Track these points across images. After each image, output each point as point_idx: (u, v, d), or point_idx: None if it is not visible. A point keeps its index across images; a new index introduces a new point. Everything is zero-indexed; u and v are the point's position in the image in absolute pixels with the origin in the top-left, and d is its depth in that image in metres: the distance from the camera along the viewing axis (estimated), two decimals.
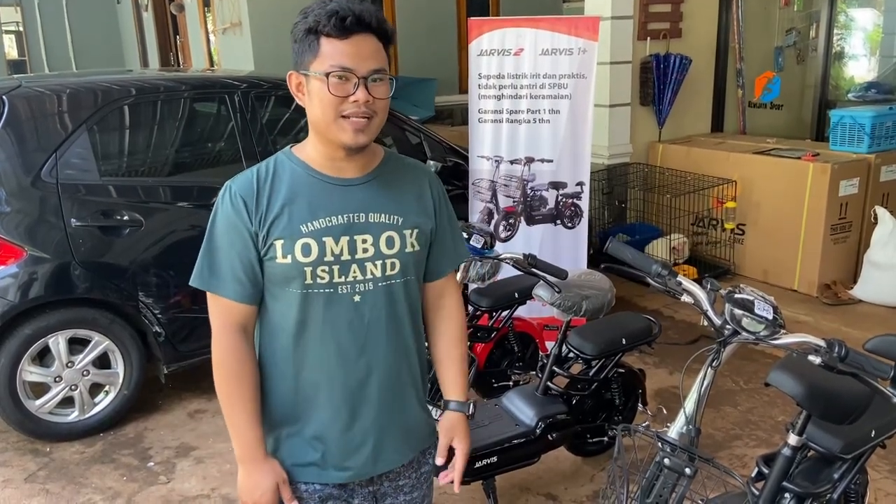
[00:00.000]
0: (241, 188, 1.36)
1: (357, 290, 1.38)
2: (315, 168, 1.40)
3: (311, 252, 1.34)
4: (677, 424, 1.65)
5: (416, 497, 1.56)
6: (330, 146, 1.38)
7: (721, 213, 5.15)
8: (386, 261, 1.40)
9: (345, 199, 1.39)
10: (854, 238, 4.90)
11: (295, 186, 1.37)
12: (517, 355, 3.43)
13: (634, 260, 1.62)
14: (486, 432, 2.67)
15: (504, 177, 3.96)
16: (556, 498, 2.82)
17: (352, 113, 1.32)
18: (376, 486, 1.49)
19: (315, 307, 1.37)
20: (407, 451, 1.51)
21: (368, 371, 1.42)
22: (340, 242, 1.36)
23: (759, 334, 1.53)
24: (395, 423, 1.47)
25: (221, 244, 1.36)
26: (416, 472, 1.55)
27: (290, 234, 1.35)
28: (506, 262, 2.39)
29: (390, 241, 1.41)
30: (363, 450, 1.44)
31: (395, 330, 1.44)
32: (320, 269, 1.35)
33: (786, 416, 3.38)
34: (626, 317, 3.00)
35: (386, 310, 1.41)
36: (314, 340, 1.39)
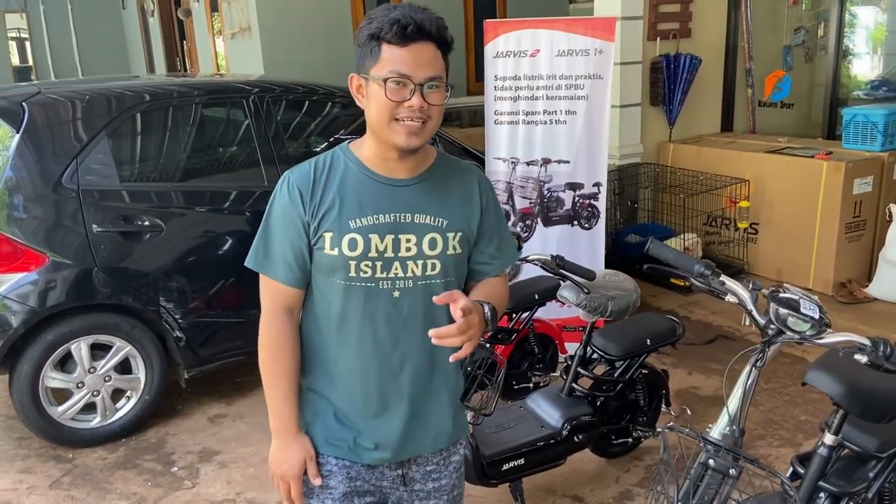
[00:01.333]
0: (299, 179, 1.43)
1: (397, 286, 1.44)
2: (368, 166, 1.45)
3: (357, 247, 1.41)
4: (720, 425, 1.64)
5: (444, 485, 1.60)
6: (384, 147, 1.43)
7: (734, 212, 5.14)
8: (427, 261, 1.45)
9: (394, 198, 1.44)
10: (868, 236, 4.90)
11: (347, 182, 1.43)
12: (537, 357, 3.43)
13: (676, 260, 1.61)
14: (512, 434, 2.66)
15: (520, 178, 3.96)
16: (582, 500, 2.82)
17: (405, 116, 1.37)
18: (405, 469, 1.55)
19: (356, 299, 1.44)
20: (436, 441, 1.56)
21: (402, 363, 1.47)
22: (385, 240, 1.42)
23: (804, 334, 1.52)
24: (425, 414, 1.52)
25: (276, 230, 1.44)
26: (444, 461, 1.59)
27: (339, 228, 1.41)
28: (534, 263, 2.39)
29: (433, 242, 1.45)
30: (392, 436, 1.50)
31: (432, 327, 1.46)
32: (363, 264, 1.41)
33: (808, 416, 3.37)
34: (649, 317, 3.00)
35: (423, 308, 1.46)
36: (353, 330, 1.45)
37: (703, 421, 3.41)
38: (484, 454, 2.52)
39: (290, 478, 1.48)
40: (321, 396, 1.51)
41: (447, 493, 1.61)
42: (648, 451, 3.11)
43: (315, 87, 3.91)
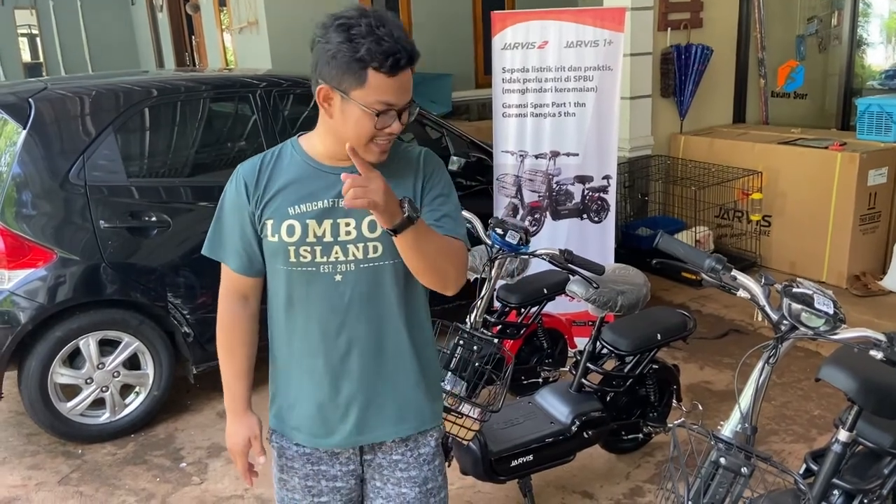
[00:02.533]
0: (246, 172, 1.49)
1: (338, 269, 1.46)
2: (315, 158, 1.48)
3: (294, 232, 1.44)
4: (732, 422, 1.61)
5: (414, 476, 1.57)
6: (337, 151, 1.44)
7: (746, 204, 5.08)
8: (368, 243, 1.46)
9: (334, 184, 1.43)
10: (883, 228, 4.83)
11: (292, 174, 1.47)
12: (546, 352, 3.40)
13: (686, 255, 1.58)
14: (521, 430, 2.64)
15: (529, 172, 3.92)
16: (592, 496, 2.79)
17: (383, 139, 1.41)
18: (368, 455, 1.57)
19: (299, 284, 1.47)
20: (398, 427, 1.55)
21: (349, 347, 1.49)
22: (323, 225, 1.45)
23: (818, 329, 1.48)
24: (382, 397, 1.52)
25: (226, 220, 1.51)
26: (412, 452, 1.57)
27: (279, 216, 1.45)
28: (542, 257, 2.36)
29: (372, 224, 1.45)
30: (347, 420, 1.51)
31: (380, 309, 1.49)
32: (303, 249, 1.45)
33: (822, 411, 3.33)
34: (660, 312, 2.97)
35: (368, 290, 1.48)
36: (300, 315, 1.49)
37: (715, 416, 3.37)
38: (492, 450, 2.50)
39: (235, 454, 1.59)
40: (280, 381, 1.57)
41: (418, 485, 1.57)
42: (659, 446, 3.08)
43: None
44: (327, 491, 1.56)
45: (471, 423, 2.15)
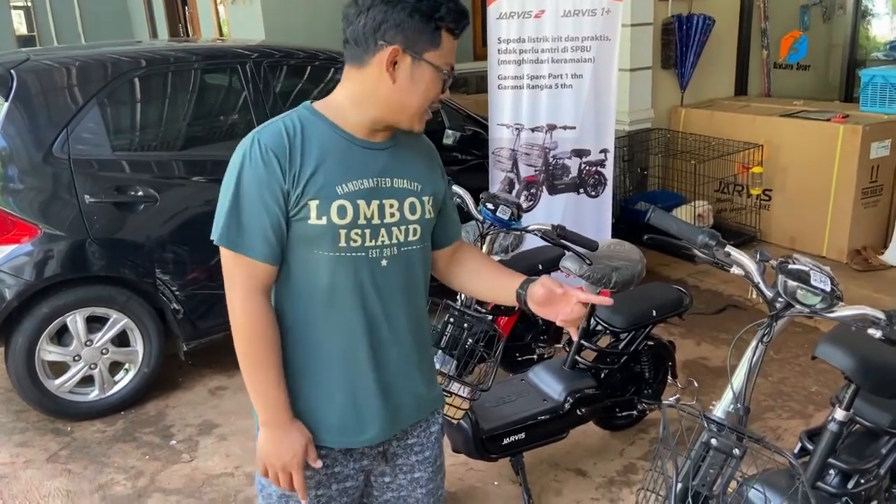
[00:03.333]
0: (273, 143, 1.30)
1: (384, 254, 1.38)
2: (348, 130, 1.36)
3: (346, 214, 1.32)
4: (724, 402, 1.56)
5: (428, 457, 1.54)
6: (383, 124, 1.36)
7: (747, 178, 5.01)
8: (409, 226, 1.40)
9: (373, 162, 1.37)
10: (885, 202, 4.76)
11: (325, 145, 1.33)
12: (541, 328, 3.35)
13: (679, 230, 1.52)
14: (514, 408, 2.60)
15: (525, 145, 3.84)
16: (585, 473, 2.77)
17: (432, 107, 1.36)
18: (385, 446, 1.49)
19: (345, 271, 1.35)
20: (418, 411, 1.52)
21: (391, 335, 1.42)
22: (372, 206, 1.35)
23: (814, 307, 1.43)
24: (410, 388, 1.48)
25: (249, 201, 1.30)
26: (425, 433, 1.54)
27: (327, 195, 1.31)
28: (534, 233, 2.30)
29: (413, 206, 1.41)
30: (382, 413, 1.43)
31: (413, 295, 1.45)
32: (354, 232, 1.33)
33: (819, 387, 3.29)
34: (655, 288, 2.91)
35: (406, 275, 1.42)
36: (343, 305, 1.37)
37: (710, 392, 3.35)
38: (483, 428, 2.47)
39: (293, 467, 1.36)
40: (309, 379, 1.40)
41: (431, 464, 1.56)
42: (654, 423, 3.05)
43: (316, 53, 3.80)
44: (336, 495, 1.46)
45: (460, 402, 2.11)
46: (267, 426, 1.37)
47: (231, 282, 1.34)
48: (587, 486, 2.69)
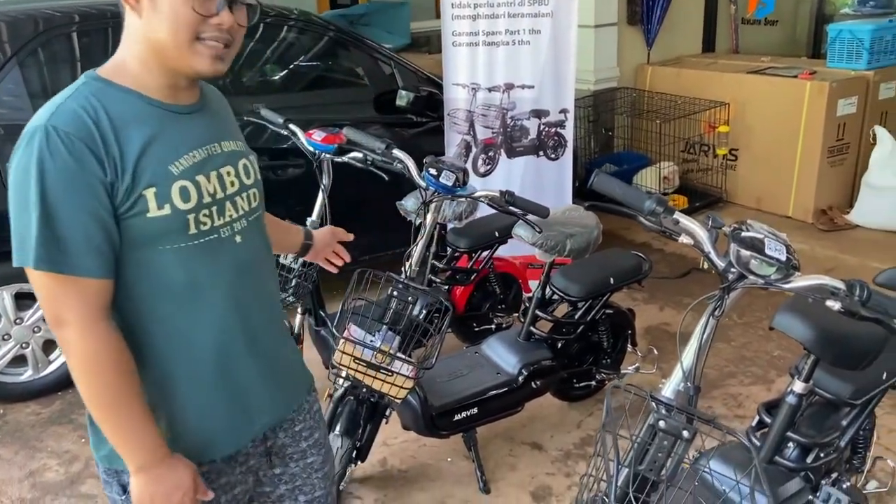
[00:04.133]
0: (74, 128, 1.05)
1: (236, 229, 1.23)
2: (151, 95, 1.15)
3: (190, 196, 1.14)
4: (673, 381, 1.45)
5: (318, 438, 1.44)
6: (172, 74, 1.15)
7: (713, 138, 4.91)
8: (249, 192, 1.26)
9: (194, 127, 1.19)
10: (851, 160, 4.69)
11: (139, 119, 1.12)
12: (499, 297, 3.24)
13: (624, 195, 1.39)
14: (466, 382, 2.49)
15: (482, 106, 3.67)
16: (541, 447, 2.68)
17: (211, 37, 1.12)
18: (270, 440, 1.35)
19: (203, 261, 1.18)
20: (300, 391, 1.42)
21: (263, 316, 1.30)
22: (212, 179, 1.18)
23: (769, 278, 1.31)
24: (285, 370, 1.38)
25: (65, 206, 1.04)
26: (309, 414, 1.43)
27: (164, 178, 1.12)
28: (481, 200, 2.15)
29: (247, 169, 1.27)
30: (269, 399, 1.32)
31: (270, 266, 1.37)
32: (202, 215, 1.16)
33: (782, 352, 3.23)
34: (614, 254, 2.80)
35: (259, 246, 1.31)
36: (208, 300, 1.19)
37: (672, 360, 3.25)
38: (433, 405, 2.35)
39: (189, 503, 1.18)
40: (179, 393, 1.20)
41: (322, 445, 1.46)
42: (613, 393, 2.95)
43: (267, 9, 3.57)
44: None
45: (402, 381, 1.98)
46: (143, 470, 1.14)
47: (59, 313, 1.08)
48: (543, 459, 2.60)
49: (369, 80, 3.85)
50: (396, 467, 2.57)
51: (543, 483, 2.48)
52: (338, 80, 4.12)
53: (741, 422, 2.78)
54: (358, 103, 3.82)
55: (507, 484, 2.48)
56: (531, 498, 2.42)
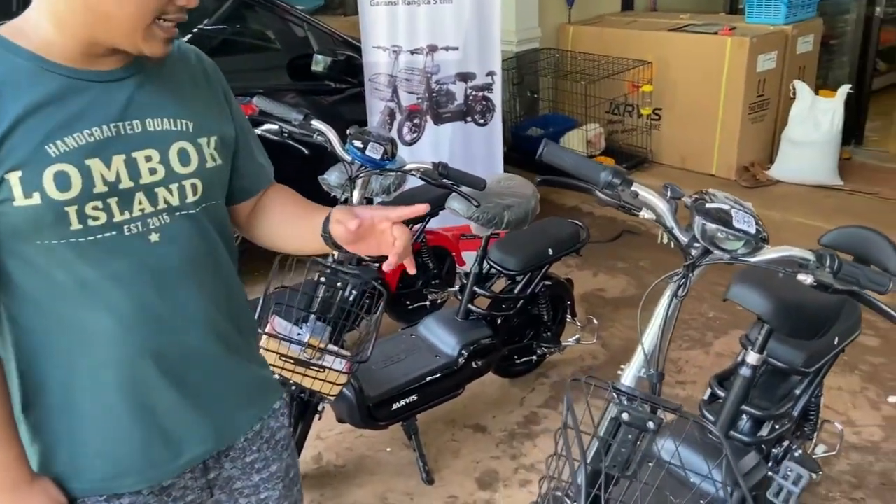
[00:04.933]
0: None
1: (151, 227, 1.01)
2: (57, 60, 0.95)
3: (70, 184, 0.93)
4: (634, 367, 1.34)
5: (275, 472, 1.21)
6: (98, 46, 0.96)
7: (637, 98, 4.86)
8: (183, 182, 1.03)
9: (106, 100, 0.97)
10: (771, 116, 4.74)
11: (23, 88, 0.93)
12: (432, 272, 3.08)
13: (576, 167, 1.24)
14: (403, 368, 2.34)
15: (405, 70, 3.46)
16: (484, 429, 2.56)
17: (173, 18, 0.97)
18: (214, 472, 1.14)
19: (94, 262, 0.97)
20: (249, 418, 1.17)
21: (185, 330, 1.06)
22: (113, 164, 0.97)
23: (736, 252, 1.20)
24: (230, 389, 1.13)
25: None
26: (268, 443, 1.19)
27: (34, 161, 0.92)
28: (412, 174, 1.98)
29: (184, 154, 1.03)
30: (191, 436, 1.09)
31: (211, 271, 1.09)
32: (90, 207, 0.95)
33: (717, 312, 3.22)
34: (551, 224, 2.69)
35: (193, 248, 1.06)
36: (100, 308, 0.99)
37: (610, 327, 3.21)
38: (369, 395, 2.19)
39: None
40: (74, 420, 1.03)
41: (281, 479, 1.22)
42: (554, 365, 2.88)
43: None
44: None
45: (335, 377, 1.81)
46: (6, 492, 0.98)
47: None
48: (487, 442, 2.49)
49: (281, 44, 3.58)
50: (332, 462, 2.41)
51: (489, 468, 2.37)
52: (246, 45, 3.82)
53: (683, 388, 2.75)
54: (269, 70, 3.55)
55: (451, 472, 2.36)
56: (477, 485, 2.30)
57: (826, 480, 2.21)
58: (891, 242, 1.69)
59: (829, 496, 2.18)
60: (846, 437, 2.32)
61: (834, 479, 2.24)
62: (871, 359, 2.82)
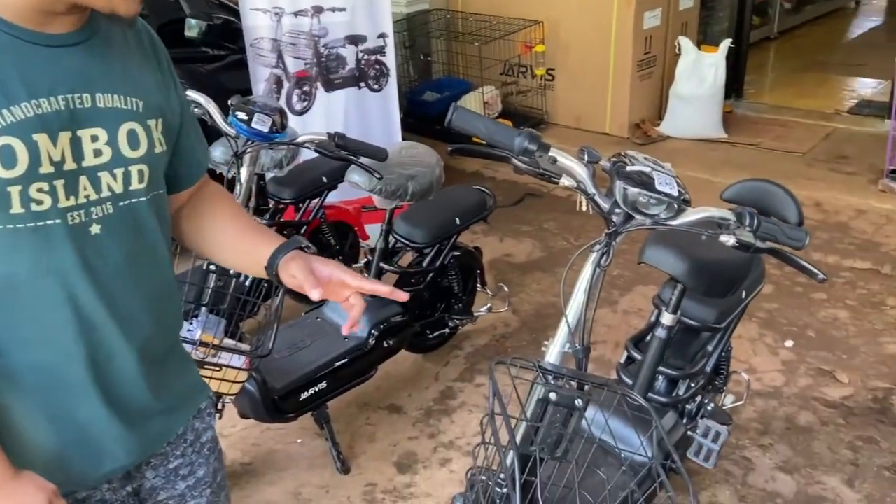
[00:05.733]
0: None
1: (93, 216, 0.89)
2: (9, 20, 0.82)
3: (15, 159, 0.81)
4: (558, 342, 1.27)
5: (202, 477, 1.12)
6: (61, 4, 0.84)
7: (530, 58, 4.82)
8: (129, 168, 0.91)
9: (56, 67, 0.85)
10: (658, 73, 4.83)
11: None
12: (335, 249, 2.93)
13: (489, 133, 1.14)
14: (309, 356, 2.20)
15: (289, 34, 3.23)
16: (399, 409, 2.47)
17: None
18: (136, 482, 1.04)
19: (31, 252, 0.85)
20: (174, 422, 1.08)
21: (119, 332, 0.94)
22: (60, 141, 0.84)
23: (659, 217, 1.14)
24: (159, 395, 1.02)
25: None
26: (193, 447, 1.10)
27: None
28: (306, 147, 1.82)
29: (133, 137, 0.92)
30: (116, 444, 0.98)
31: (149, 267, 0.98)
32: (35, 189, 0.83)
33: (620, 270, 3.25)
34: (456, 192, 2.60)
35: (134, 242, 0.94)
36: (33, 305, 0.88)
37: (520, 292, 3.18)
38: (274, 388, 2.04)
39: None
40: None
41: (208, 485, 1.13)
42: (467, 336, 2.82)
43: None
44: None
45: (234, 375, 1.66)
46: None
47: None
48: (403, 423, 2.40)
49: (149, 8, 3.23)
50: (238, 461, 2.25)
51: (407, 450, 2.28)
52: None
53: (594, 348, 2.72)
54: None
55: (367, 458, 2.25)
56: (395, 469, 2.21)
57: (735, 429, 2.27)
58: (789, 193, 1.71)
59: (738, 444, 2.24)
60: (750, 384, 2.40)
61: (742, 427, 2.31)
62: (767, 305, 2.93)
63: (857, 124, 4.75)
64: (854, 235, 3.44)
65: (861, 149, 4.31)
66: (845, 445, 2.23)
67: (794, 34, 7.05)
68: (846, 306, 2.92)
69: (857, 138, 4.52)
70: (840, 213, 3.66)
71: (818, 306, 2.92)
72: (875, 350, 2.65)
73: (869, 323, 2.81)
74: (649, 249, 1.62)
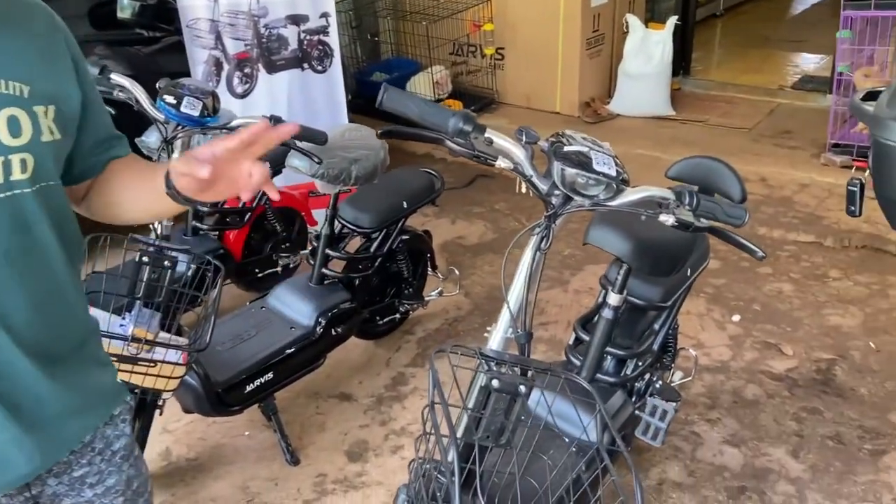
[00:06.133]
0: None
1: None
2: None
3: None
4: (500, 329, 1.25)
5: (112, 486, 1.07)
6: None
7: (479, 37, 4.77)
8: (10, 157, 0.87)
9: None
10: (607, 51, 4.83)
11: None
12: (281, 235, 2.85)
13: (422, 114, 1.09)
14: (255, 345, 2.14)
15: (228, 14, 3.11)
16: (350, 397, 2.43)
17: None
18: (35, 487, 0.99)
19: None
20: (80, 429, 1.02)
21: (9, 334, 0.90)
22: None
23: (598, 198, 1.12)
24: (58, 400, 0.98)
25: None
26: (101, 455, 1.05)
27: None
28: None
29: (14, 124, 0.87)
30: (24, 444, 0.94)
31: (37, 264, 0.93)
32: None
33: (572, 250, 3.25)
34: (403, 175, 2.55)
35: (17, 236, 0.90)
36: None
37: (472, 275, 3.17)
38: (217, 381, 1.98)
39: None
40: None
41: (121, 492, 1.08)
42: (418, 321, 2.78)
43: None
44: None
45: (171, 370, 1.59)
46: None
47: None
48: (354, 411, 2.36)
49: None
50: (183, 456, 2.18)
51: (358, 438, 2.25)
52: None
53: (546, 329, 2.75)
54: (67, 19, 3.07)
55: (317, 448, 2.21)
56: (346, 458, 2.18)
57: (683, 405, 2.30)
58: (732, 170, 1.71)
59: (687, 419, 2.27)
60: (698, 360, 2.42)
61: (690, 402, 2.33)
62: (714, 280, 2.96)
63: (801, 99, 4.83)
64: (798, 209, 3.50)
65: (804, 124, 4.39)
66: (790, 417, 2.27)
67: (740, 10, 7.13)
68: (790, 279, 2.97)
69: (801, 113, 4.60)
70: (784, 187, 3.72)
71: (764, 280, 2.97)
72: (818, 322, 2.71)
73: (812, 295, 2.86)
74: (593, 230, 1.61)
